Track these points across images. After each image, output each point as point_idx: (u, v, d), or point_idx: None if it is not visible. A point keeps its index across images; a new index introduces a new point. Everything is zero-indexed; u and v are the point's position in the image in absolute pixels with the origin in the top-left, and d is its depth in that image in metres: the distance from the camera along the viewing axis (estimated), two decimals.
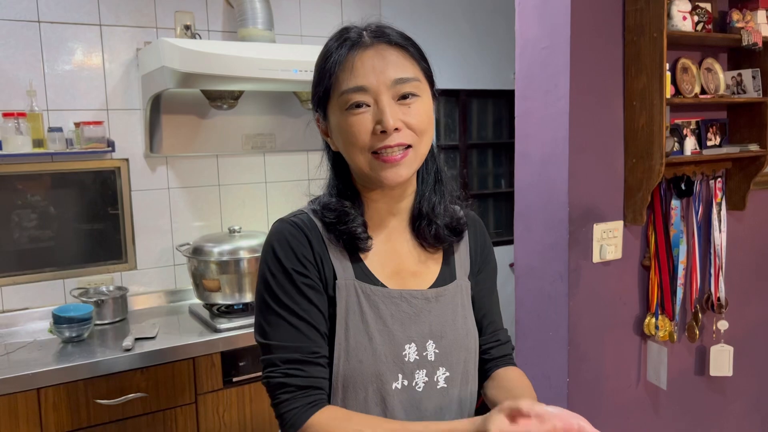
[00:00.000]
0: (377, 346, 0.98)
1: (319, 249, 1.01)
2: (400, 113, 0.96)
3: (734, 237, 2.28)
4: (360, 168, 0.99)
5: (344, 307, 0.99)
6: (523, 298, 2.16)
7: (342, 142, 1.00)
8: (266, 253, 1.02)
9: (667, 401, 2.25)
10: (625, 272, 2.09)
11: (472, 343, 1.09)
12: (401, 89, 0.96)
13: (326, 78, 0.98)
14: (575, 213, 1.96)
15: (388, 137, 0.95)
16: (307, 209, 1.07)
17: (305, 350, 0.96)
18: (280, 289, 0.98)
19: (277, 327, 0.97)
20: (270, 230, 1.04)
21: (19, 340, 2.26)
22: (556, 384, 2.05)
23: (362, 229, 1.03)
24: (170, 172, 2.70)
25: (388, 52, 0.97)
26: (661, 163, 1.91)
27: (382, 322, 0.99)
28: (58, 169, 2.49)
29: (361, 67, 0.95)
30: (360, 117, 0.96)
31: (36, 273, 2.48)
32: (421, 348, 1.02)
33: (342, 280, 1.00)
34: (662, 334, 2.10)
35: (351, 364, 0.97)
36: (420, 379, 1.02)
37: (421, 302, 1.03)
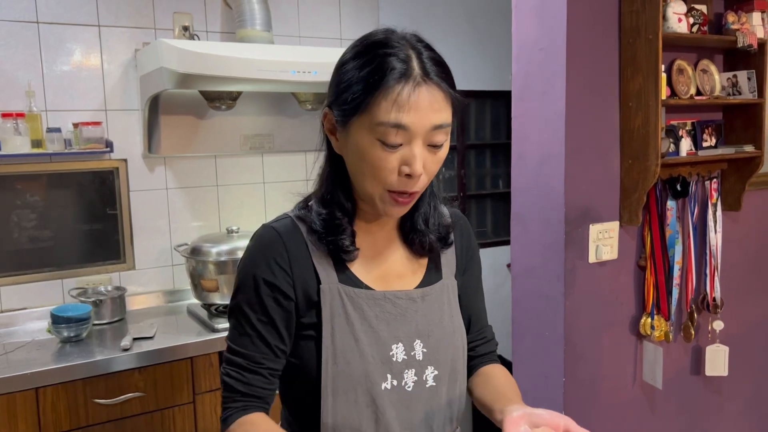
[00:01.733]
0: (364, 347, 0.99)
1: (299, 255, 1.00)
2: (426, 158, 0.94)
3: (730, 237, 2.29)
4: (368, 195, 0.98)
5: (329, 311, 0.99)
6: (520, 298, 2.17)
7: (357, 165, 0.96)
8: (242, 257, 1.03)
9: (662, 401, 2.26)
10: (621, 272, 2.11)
11: (459, 341, 1.10)
12: (435, 136, 0.93)
13: (362, 91, 0.91)
14: (571, 213, 1.97)
15: (411, 183, 0.94)
16: (292, 214, 1.06)
17: (250, 358, 0.99)
18: (243, 295, 1.00)
19: (234, 329, 1.02)
20: (255, 233, 1.05)
21: (18, 340, 2.27)
22: (553, 383, 2.06)
23: (350, 241, 1.02)
24: (168, 172, 2.71)
25: (435, 92, 0.92)
26: (657, 163, 1.92)
27: (367, 324, 1.00)
28: (56, 170, 2.50)
29: (407, 105, 0.89)
30: (389, 155, 0.92)
31: (34, 273, 2.48)
32: (409, 348, 1.03)
33: (326, 285, 1.00)
34: (658, 334, 2.12)
35: (339, 367, 0.98)
36: (409, 378, 1.03)
37: (406, 302, 1.04)
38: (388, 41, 0.94)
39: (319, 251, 1.01)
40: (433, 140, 0.93)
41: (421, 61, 0.92)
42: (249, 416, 0.99)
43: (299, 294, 1.00)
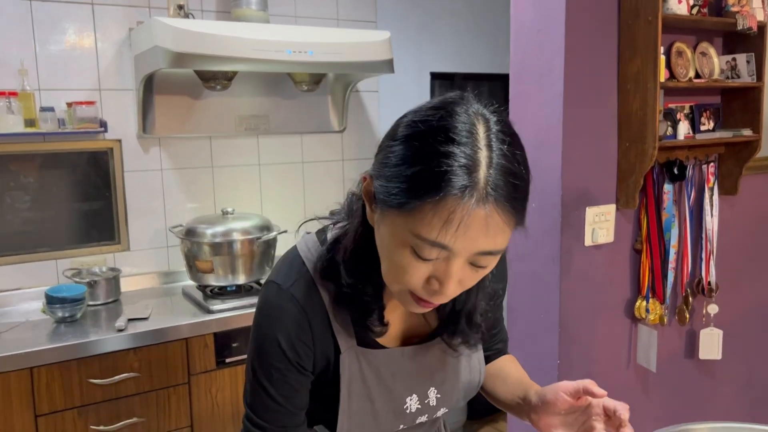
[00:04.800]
0: (378, 408, 0.98)
1: (321, 328, 0.93)
2: (464, 276, 0.81)
3: (726, 221, 2.29)
4: (388, 285, 0.87)
5: (347, 378, 0.95)
6: (515, 281, 2.17)
7: (382, 254, 0.84)
8: (259, 324, 0.94)
9: (656, 384, 2.27)
10: (617, 256, 2.11)
11: (476, 377, 1.08)
12: (480, 260, 0.79)
13: (407, 192, 0.75)
14: (568, 196, 1.97)
15: (438, 297, 0.82)
16: (308, 262, 0.94)
17: (276, 423, 0.96)
18: (269, 367, 0.94)
19: (257, 396, 0.96)
20: (267, 296, 0.94)
21: (12, 320, 2.26)
22: (547, 366, 2.07)
23: (378, 321, 0.93)
24: (163, 153, 2.69)
25: (496, 217, 0.74)
26: (654, 147, 1.91)
27: (383, 384, 0.98)
28: (50, 149, 2.48)
29: (455, 226, 0.73)
30: (420, 265, 0.79)
31: (29, 253, 2.47)
32: (423, 397, 1.02)
33: (345, 353, 0.94)
34: (652, 318, 2.12)
35: (353, 427, 0.97)
36: (421, 421, 1.04)
37: (423, 355, 1.01)
38: (453, 130, 0.75)
39: (338, 316, 0.94)
40: (477, 262, 0.79)
41: (489, 170, 0.74)
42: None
43: (318, 364, 0.96)
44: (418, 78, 3.39)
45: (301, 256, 0.95)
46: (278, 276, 0.94)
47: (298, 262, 0.94)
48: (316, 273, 0.92)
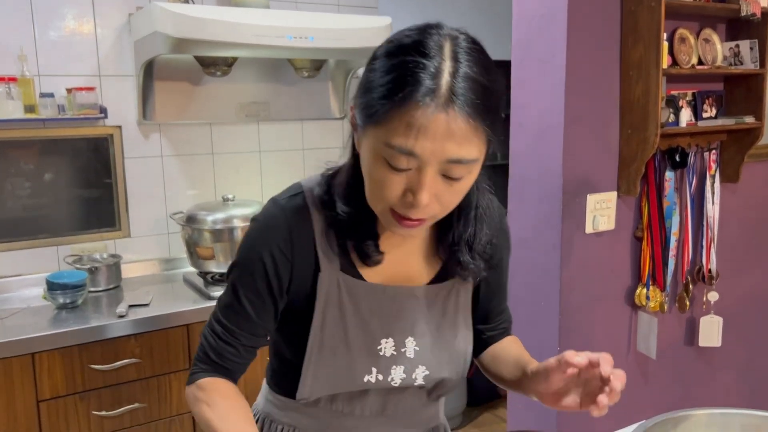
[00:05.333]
0: (351, 339, 0.96)
1: (304, 242, 0.95)
2: (438, 188, 0.82)
3: (727, 209, 2.29)
4: (372, 208, 0.89)
5: (323, 301, 0.95)
6: (516, 269, 2.16)
7: (365, 174, 0.87)
8: (247, 231, 0.99)
9: (656, 371, 2.28)
10: (618, 243, 2.10)
11: (461, 346, 1.04)
12: (453, 170, 0.80)
13: (380, 102, 0.79)
14: (569, 184, 1.96)
15: (415, 211, 0.83)
16: (307, 189, 0.97)
17: (229, 331, 0.98)
18: (239, 271, 0.97)
19: (225, 296, 1.00)
20: (263, 208, 0.99)
21: (13, 306, 2.27)
22: (547, 353, 2.06)
23: (374, 246, 0.95)
24: (163, 139, 2.69)
25: (459, 122, 0.77)
26: (656, 134, 1.91)
27: (359, 316, 0.96)
28: (50, 136, 2.47)
29: (421, 131, 0.76)
30: (395, 177, 0.81)
31: (29, 240, 2.47)
32: (400, 344, 0.99)
33: (325, 274, 0.95)
34: (653, 305, 2.12)
35: (323, 356, 0.96)
36: (396, 375, 0.99)
37: (406, 299, 0.99)
38: (423, 45, 0.79)
39: (326, 240, 0.95)
40: (449, 173, 0.81)
41: (454, 79, 0.77)
42: (215, 381, 0.99)
43: (296, 280, 0.96)
44: None
45: (300, 183, 0.99)
46: (277, 194, 0.99)
47: (296, 186, 0.99)
48: (312, 199, 0.96)
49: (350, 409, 1.02)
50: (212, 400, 0.96)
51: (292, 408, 1.04)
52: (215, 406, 0.95)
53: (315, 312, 0.95)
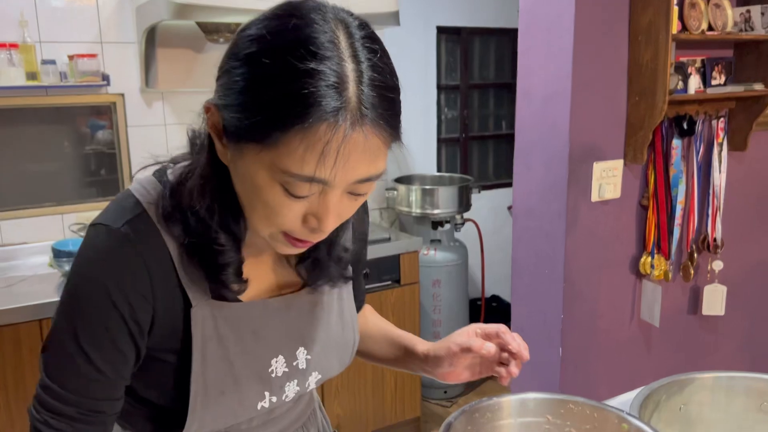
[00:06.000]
0: (239, 372, 0.82)
1: (162, 279, 0.76)
2: (342, 208, 0.72)
3: (734, 178, 2.28)
4: (256, 230, 0.75)
5: (200, 338, 0.79)
6: (521, 237, 2.17)
7: (247, 196, 0.72)
8: (79, 271, 0.76)
9: (659, 339, 2.29)
10: (623, 211, 2.10)
11: (349, 336, 0.95)
12: (360, 188, 0.70)
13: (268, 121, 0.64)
14: (576, 151, 1.95)
15: (316, 236, 0.73)
16: (147, 204, 0.76)
17: (84, 406, 0.77)
18: (82, 323, 0.75)
19: (63, 368, 0.76)
20: (92, 241, 0.76)
21: (20, 274, 2.28)
22: (551, 321, 2.08)
23: (236, 276, 0.79)
24: (167, 107, 2.67)
25: (372, 139, 0.66)
26: (665, 100, 1.89)
27: (243, 344, 0.82)
28: (53, 104, 2.45)
29: (328, 156, 0.64)
30: (294, 203, 0.69)
31: (34, 208, 2.48)
32: (291, 358, 0.87)
33: (197, 308, 0.78)
34: (657, 273, 2.12)
35: (210, 399, 0.80)
36: (291, 390, 0.89)
37: (288, 309, 0.87)
38: (312, 41, 0.64)
39: (188, 266, 0.78)
40: (356, 190, 0.71)
41: (360, 87, 0.64)
42: None
43: (159, 322, 0.78)
44: (424, 33, 3.33)
45: (135, 196, 0.77)
46: (106, 217, 0.76)
47: (131, 202, 0.77)
48: (158, 217, 0.76)
49: (235, 428, 0.89)
50: None
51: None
52: None
53: (193, 355, 0.78)
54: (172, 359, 0.80)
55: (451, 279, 3.13)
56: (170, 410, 0.82)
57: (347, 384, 2.65)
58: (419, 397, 2.90)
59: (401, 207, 3.13)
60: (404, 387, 2.81)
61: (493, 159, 3.92)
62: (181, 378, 0.80)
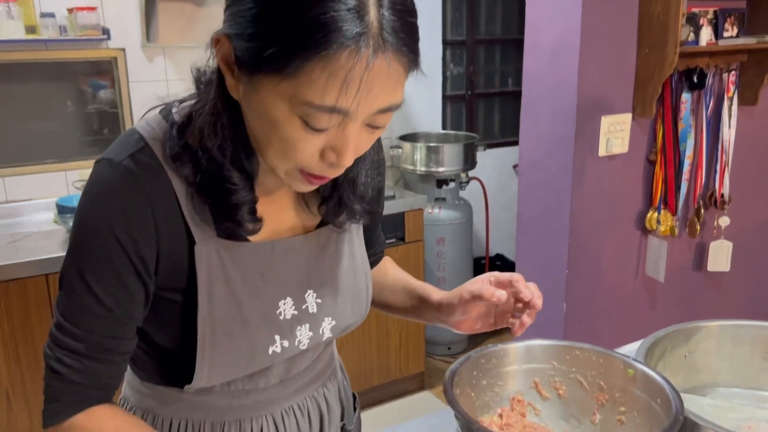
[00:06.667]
0: (247, 313, 0.81)
1: (167, 209, 0.75)
2: (361, 141, 0.71)
3: (743, 133, 2.24)
4: (272, 166, 0.73)
5: (206, 277, 0.78)
6: (527, 192, 2.16)
7: (261, 130, 0.70)
8: (85, 206, 0.75)
9: (663, 295, 2.29)
10: (631, 166, 2.08)
11: (361, 283, 0.94)
12: (379, 119, 0.69)
13: (288, 49, 0.62)
14: (583, 104, 1.92)
15: (334, 171, 0.72)
16: (151, 139, 0.75)
17: (94, 344, 0.76)
18: (89, 262, 0.74)
19: (74, 305, 0.76)
20: (95, 175, 0.75)
21: (25, 230, 2.28)
22: (555, 276, 2.08)
23: (250, 215, 0.77)
24: (168, 62, 2.63)
25: (394, 65, 0.65)
26: (675, 52, 1.85)
27: (250, 284, 0.81)
28: (53, 58, 2.42)
29: (350, 84, 0.62)
30: (311, 137, 0.67)
31: (38, 164, 2.47)
32: (299, 301, 0.86)
33: (201, 245, 0.77)
34: (663, 229, 2.11)
35: (218, 341, 0.79)
36: (303, 336, 0.87)
37: (298, 250, 0.85)
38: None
39: (193, 204, 0.76)
40: (374, 122, 0.69)
41: (381, 13, 0.63)
42: (89, 415, 0.78)
43: (164, 259, 0.77)
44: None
45: (139, 132, 0.76)
46: (109, 152, 0.76)
47: (135, 137, 0.76)
48: (164, 155, 0.74)
49: (252, 386, 0.88)
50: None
51: (179, 399, 0.87)
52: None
53: (199, 294, 0.78)
54: (178, 299, 0.80)
55: (455, 237, 3.13)
56: (181, 357, 0.81)
57: (352, 339, 2.68)
58: (423, 353, 2.93)
59: (406, 165, 3.11)
60: (408, 343, 2.84)
61: (499, 117, 3.87)
62: (188, 320, 0.79)
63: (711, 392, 1.08)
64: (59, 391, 0.77)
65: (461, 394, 0.91)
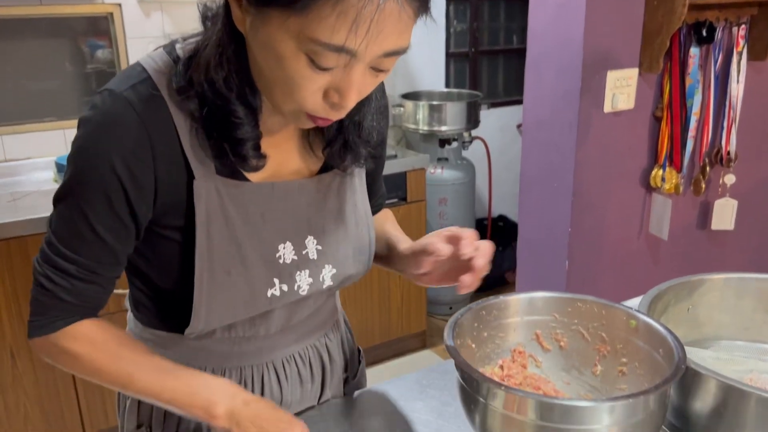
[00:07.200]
0: (246, 253, 0.81)
1: (166, 142, 0.74)
2: (365, 84, 0.70)
3: (752, 89, 2.20)
4: (278, 106, 0.73)
5: (205, 214, 0.78)
6: (530, 150, 2.13)
7: (267, 67, 0.69)
8: (83, 136, 0.74)
9: (666, 253, 2.28)
10: (636, 123, 2.05)
11: (364, 233, 0.93)
12: (384, 63, 0.69)
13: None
14: (589, 59, 1.88)
15: (336, 113, 0.72)
16: (154, 72, 0.75)
17: (85, 267, 0.77)
18: (84, 188, 0.74)
19: (66, 227, 0.76)
20: (94, 104, 0.74)
21: (25, 189, 2.27)
22: (558, 234, 2.07)
23: (254, 150, 0.77)
24: (166, 18, 2.58)
25: (408, 10, 0.65)
26: (684, 5, 1.80)
27: (250, 224, 0.81)
28: (48, 14, 2.38)
29: (360, 23, 0.62)
30: (316, 75, 0.67)
31: (36, 123, 2.44)
32: (299, 246, 0.86)
33: (200, 181, 0.77)
34: (668, 187, 2.09)
35: (217, 279, 0.80)
36: (303, 281, 0.87)
37: (298, 194, 0.85)
38: None
39: (194, 139, 0.76)
40: (380, 65, 0.69)
41: None
42: (83, 326, 0.81)
43: (162, 193, 0.77)
44: None
45: (143, 65, 0.76)
46: (110, 83, 0.76)
47: (137, 70, 0.76)
48: (168, 89, 0.74)
49: (253, 332, 0.89)
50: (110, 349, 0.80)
51: (180, 344, 0.87)
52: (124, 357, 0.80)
53: (198, 228, 0.78)
54: (177, 238, 0.80)
55: (458, 197, 3.11)
56: (181, 299, 0.82)
57: (354, 297, 2.68)
58: (425, 312, 2.94)
59: (408, 124, 3.07)
60: (410, 302, 2.85)
61: (504, 75, 3.81)
62: (187, 260, 0.80)
63: (713, 345, 1.08)
64: (47, 306, 0.79)
65: (462, 345, 0.91)
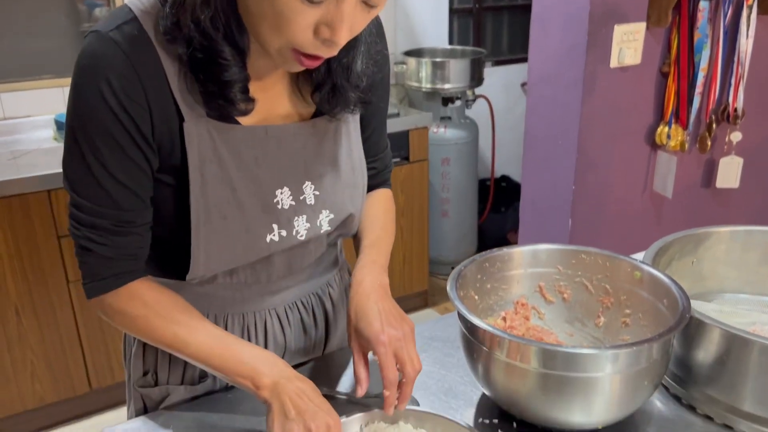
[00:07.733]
0: (242, 197, 0.81)
1: (155, 83, 0.73)
2: (355, 19, 0.69)
3: (761, 44, 2.16)
4: (262, 42, 0.72)
5: (197, 157, 0.77)
6: (535, 107, 2.10)
7: (259, 7, 0.68)
8: (79, 85, 0.73)
9: (670, 211, 2.27)
10: (643, 79, 2.01)
11: (359, 179, 0.93)
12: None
13: None
14: (596, 12, 1.84)
15: (327, 50, 0.70)
16: (141, 13, 0.73)
17: (115, 218, 0.77)
18: (96, 140, 0.73)
19: (85, 183, 0.76)
20: (84, 48, 0.73)
21: (25, 147, 2.26)
22: (561, 192, 2.06)
23: (242, 93, 0.76)
24: None
25: None
26: None
27: (245, 168, 0.80)
28: None
29: None
30: (308, 9, 0.66)
31: (35, 80, 2.41)
32: (297, 192, 0.86)
33: (191, 122, 0.76)
34: (673, 144, 2.07)
35: (213, 224, 0.79)
36: (301, 227, 0.87)
37: (293, 139, 0.84)
38: None
39: (182, 82, 0.75)
40: (370, 0, 0.68)
41: None
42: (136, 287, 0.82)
43: (157, 135, 0.76)
44: None
45: (129, 6, 0.75)
46: (98, 24, 0.74)
47: (124, 11, 0.74)
48: (155, 30, 0.73)
49: (254, 278, 0.90)
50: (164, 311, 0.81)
51: (182, 290, 0.87)
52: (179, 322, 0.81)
53: (191, 172, 0.77)
54: (172, 182, 0.80)
55: (461, 157, 3.09)
56: (179, 245, 0.81)
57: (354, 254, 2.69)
58: (427, 272, 2.95)
59: (410, 82, 3.03)
60: (412, 261, 2.86)
61: (508, 31, 3.74)
62: (183, 204, 0.79)
63: (717, 298, 1.07)
64: (94, 266, 0.80)
65: (465, 296, 0.91)
